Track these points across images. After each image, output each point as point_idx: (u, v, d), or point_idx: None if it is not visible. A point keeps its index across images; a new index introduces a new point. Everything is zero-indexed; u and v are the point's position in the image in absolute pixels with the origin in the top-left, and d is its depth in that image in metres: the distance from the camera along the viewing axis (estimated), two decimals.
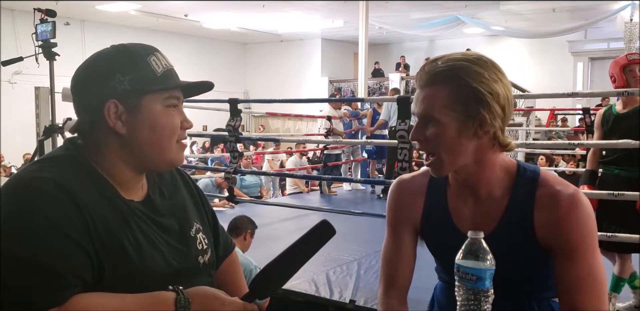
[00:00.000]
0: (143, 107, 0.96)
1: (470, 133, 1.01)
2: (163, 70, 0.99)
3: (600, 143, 2.98)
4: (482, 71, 1.00)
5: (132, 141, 0.97)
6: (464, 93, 0.99)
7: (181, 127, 1.01)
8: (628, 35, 10.80)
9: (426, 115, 1.02)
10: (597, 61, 14.28)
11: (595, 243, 1.03)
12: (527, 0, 11.28)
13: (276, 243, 4.14)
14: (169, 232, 1.02)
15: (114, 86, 0.95)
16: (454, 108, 1.00)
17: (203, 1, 11.12)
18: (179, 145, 1.02)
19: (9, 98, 10.68)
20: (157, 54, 1.00)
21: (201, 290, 0.95)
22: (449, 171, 1.07)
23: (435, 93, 1.01)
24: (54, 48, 3.60)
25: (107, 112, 0.95)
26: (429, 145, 1.04)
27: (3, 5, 10.92)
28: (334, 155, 7.35)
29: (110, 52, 0.99)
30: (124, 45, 1.00)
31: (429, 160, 1.05)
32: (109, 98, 0.95)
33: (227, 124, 4.37)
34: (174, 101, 1.00)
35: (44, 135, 3.68)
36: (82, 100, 0.98)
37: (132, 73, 0.96)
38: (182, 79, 1.03)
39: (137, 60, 0.97)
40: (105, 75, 0.96)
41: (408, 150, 3.38)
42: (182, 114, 1.02)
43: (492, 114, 0.99)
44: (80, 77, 0.98)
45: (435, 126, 1.01)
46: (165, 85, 0.98)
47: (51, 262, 0.84)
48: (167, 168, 1.04)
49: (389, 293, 1.18)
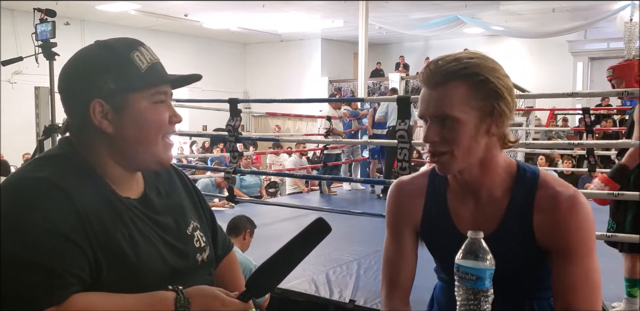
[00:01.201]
0: (129, 105, 0.95)
1: (485, 130, 1.01)
2: (148, 65, 0.97)
3: (599, 143, 2.98)
4: (496, 67, 1.02)
5: (120, 139, 0.96)
6: (484, 88, 0.99)
7: (170, 122, 0.99)
8: (628, 35, 10.78)
9: (442, 114, 1.01)
10: (597, 61, 14.27)
11: (593, 245, 1.04)
12: (527, 0, 11.27)
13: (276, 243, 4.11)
14: (166, 229, 1.02)
15: (98, 85, 0.94)
16: (473, 105, 1.00)
17: (203, 1, 11.12)
18: (165, 142, 1.00)
19: (8, 98, 10.68)
20: (141, 49, 0.97)
21: (201, 289, 0.95)
22: (457, 169, 1.06)
23: (451, 91, 1.00)
24: (54, 48, 3.60)
25: (93, 112, 0.94)
26: (444, 145, 1.02)
27: (3, 5, 10.92)
28: (333, 155, 7.35)
29: (92, 50, 0.97)
30: (106, 42, 0.98)
31: (436, 157, 1.04)
32: (94, 98, 0.94)
33: (227, 124, 4.37)
34: (161, 97, 0.98)
35: (43, 135, 3.68)
36: (68, 100, 0.98)
37: (116, 71, 0.94)
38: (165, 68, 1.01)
39: (120, 58, 0.95)
40: (89, 75, 0.95)
41: (408, 150, 3.38)
42: (171, 108, 1.00)
43: (509, 108, 1.01)
44: (64, 76, 0.97)
45: (452, 125, 1.00)
46: (150, 81, 0.96)
47: (49, 262, 0.84)
48: (155, 166, 1.02)
49: (392, 295, 1.18)
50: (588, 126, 5.49)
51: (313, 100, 11.00)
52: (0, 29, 10.58)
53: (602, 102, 11.52)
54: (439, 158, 1.04)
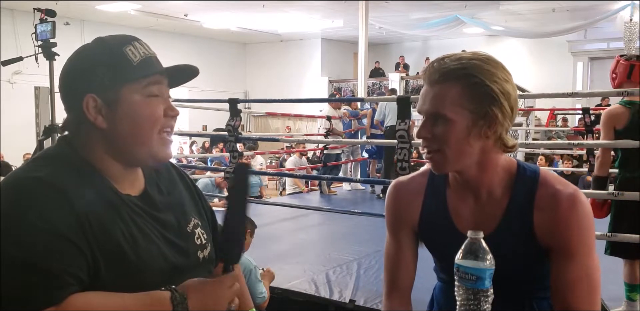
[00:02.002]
0: (122, 99, 0.94)
1: (478, 133, 1.01)
2: (141, 58, 0.96)
3: (599, 143, 2.98)
4: (495, 71, 1.00)
5: (114, 135, 0.96)
6: (478, 91, 0.99)
7: (165, 115, 0.98)
8: (628, 35, 10.78)
9: (435, 112, 1.01)
10: (597, 61, 14.28)
11: (592, 243, 1.04)
12: (527, 0, 11.27)
13: (276, 242, 4.14)
14: (167, 226, 1.01)
15: (91, 80, 0.94)
16: (465, 106, 0.99)
17: (203, 1, 11.12)
18: (161, 137, 0.98)
19: (8, 98, 10.68)
20: (135, 43, 0.97)
21: (191, 282, 0.96)
22: (450, 170, 1.06)
23: (447, 90, 1.00)
24: (54, 48, 3.59)
25: (87, 107, 0.94)
26: (435, 143, 1.02)
27: (3, 5, 10.92)
28: (333, 155, 7.36)
29: (88, 46, 0.99)
30: (101, 38, 0.99)
31: (430, 155, 1.04)
32: (87, 93, 0.94)
33: (227, 124, 4.36)
34: (154, 90, 0.97)
35: (43, 135, 3.68)
36: (65, 96, 0.98)
37: (108, 65, 0.94)
38: (161, 63, 1.01)
39: (113, 52, 0.95)
40: (83, 70, 0.95)
41: (407, 149, 3.38)
42: (166, 102, 0.99)
43: (503, 114, 1.00)
44: (62, 73, 0.98)
45: (444, 124, 1.01)
46: (141, 73, 0.95)
47: (47, 262, 0.84)
48: (151, 162, 1.00)
49: (392, 295, 1.18)
50: (588, 126, 5.49)
51: (313, 100, 11.01)
52: (0, 29, 10.58)
53: (602, 102, 11.51)
54: (432, 156, 1.04)
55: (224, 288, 0.96)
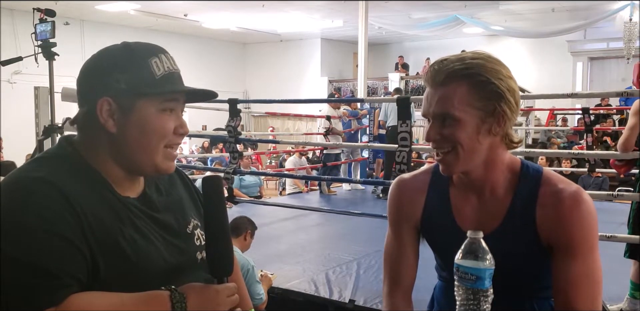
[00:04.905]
0: (136, 108, 0.95)
1: (487, 130, 1.02)
2: (164, 73, 0.97)
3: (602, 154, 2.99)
4: (499, 68, 1.02)
5: (121, 140, 0.96)
6: (485, 89, 1.00)
7: (175, 133, 0.99)
8: (627, 35, 10.78)
9: (443, 113, 1.02)
10: (597, 61, 14.29)
11: (595, 241, 1.04)
12: (527, 0, 11.27)
13: (276, 243, 4.14)
14: (166, 227, 1.02)
15: (110, 84, 0.94)
16: (474, 105, 1.00)
17: (203, 1, 11.12)
18: (167, 151, 0.99)
19: (8, 98, 10.67)
20: (162, 56, 0.98)
21: (192, 285, 0.96)
22: (461, 170, 1.06)
23: (453, 90, 1.01)
24: (54, 48, 3.59)
25: (100, 109, 0.95)
26: (447, 143, 1.03)
27: (3, 5, 10.91)
28: (333, 154, 7.36)
29: (114, 48, 0.99)
30: (129, 43, 0.99)
31: (441, 156, 1.05)
32: (104, 95, 0.94)
33: (227, 124, 4.36)
34: (169, 105, 0.98)
35: (43, 135, 3.67)
36: (82, 93, 0.99)
37: (130, 73, 0.95)
38: (183, 79, 1.01)
39: (137, 61, 0.96)
40: (104, 72, 0.96)
41: (407, 152, 3.36)
42: (179, 119, 1.00)
43: (511, 109, 1.02)
44: (82, 70, 0.99)
45: (453, 124, 1.01)
46: (161, 89, 0.96)
47: (46, 262, 0.84)
48: (152, 172, 1.01)
49: (394, 293, 1.18)
50: (587, 126, 5.50)
51: (313, 101, 10.98)
52: (0, 28, 10.57)
53: (601, 102, 11.53)
54: (443, 157, 1.04)
55: (223, 297, 0.96)
